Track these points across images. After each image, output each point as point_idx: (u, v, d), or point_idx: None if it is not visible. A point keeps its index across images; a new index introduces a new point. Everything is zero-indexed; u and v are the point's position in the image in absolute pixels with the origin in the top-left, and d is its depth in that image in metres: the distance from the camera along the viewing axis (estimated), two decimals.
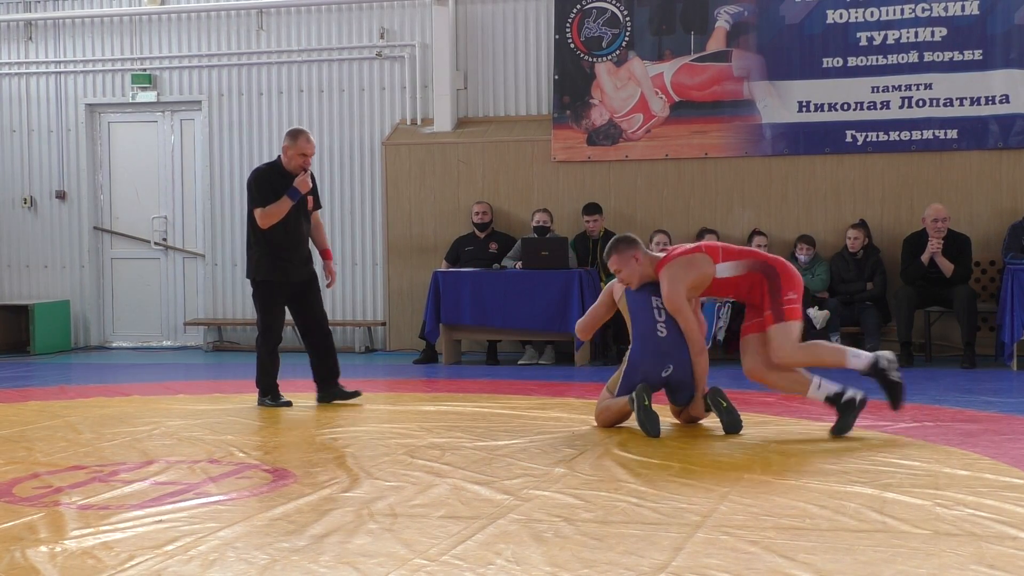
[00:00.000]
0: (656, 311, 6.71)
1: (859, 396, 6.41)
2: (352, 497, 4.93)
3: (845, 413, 6.36)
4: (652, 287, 6.78)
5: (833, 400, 6.40)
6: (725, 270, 6.50)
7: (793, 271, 6.58)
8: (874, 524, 4.36)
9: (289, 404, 7.75)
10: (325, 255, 8.06)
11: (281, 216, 7.64)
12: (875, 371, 6.42)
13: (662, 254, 6.76)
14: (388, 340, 12.28)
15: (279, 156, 7.87)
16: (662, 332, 6.64)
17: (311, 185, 7.74)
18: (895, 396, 6.45)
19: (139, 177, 13.20)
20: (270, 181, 7.71)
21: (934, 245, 10.17)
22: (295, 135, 7.74)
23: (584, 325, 7.16)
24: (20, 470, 5.64)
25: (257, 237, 7.74)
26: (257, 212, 7.66)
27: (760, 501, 4.77)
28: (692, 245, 6.73)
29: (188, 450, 6.20)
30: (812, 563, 3.83)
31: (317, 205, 8.01)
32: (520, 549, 4.05)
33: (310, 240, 7.97)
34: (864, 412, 7.38)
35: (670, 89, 11.42)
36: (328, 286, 8.11)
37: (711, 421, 6.69)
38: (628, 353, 6.77)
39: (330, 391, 7.87)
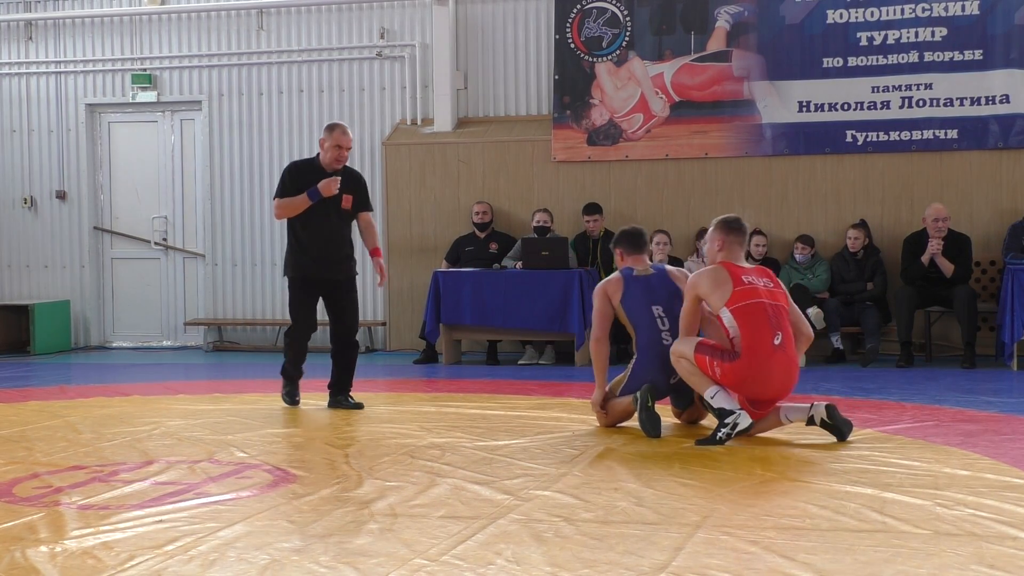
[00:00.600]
0: (659, 320, 6.70)
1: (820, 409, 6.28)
2: (352, 497, 4.93)
3: (832, 421, 6.21)
4: (649, 296, 6.76)
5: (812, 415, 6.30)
6: (726, 317, 6.26)
7: (748, 380, 6.19)
8: (874, 524, 4.36)
9: (294, 404, 7.77)
10: (373, 253, 7.80)
11: (294, 212, 7.54)
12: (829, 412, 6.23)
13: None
14: (388, 340, 12.29)
15: (318, 154, 7.71)
16: (667, 341, 6.63)
17: (336, 189, 7.49)
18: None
19: (139, 177, 13.20)
20: (298, 174, 7.60)
21: (934, 246, 10.17)
22: (331, 128, 7.61)
23: (599, 351, 6.91)
24: (20, 470, 5.64)
25: (287, 232, 7.74)
26: (274, 202, 7.65)
27: (760, 501, 4.77)
28: (744, 282, 6.35)
29: (188, 450, 6.20)
30: (812, 563, 3.83)
31: (364, 206, 7.77)
32: (520, 549, 4.06)
33: (350, 240, 7.78)
34: (867, 410, 7.41)
35: (670, 89, 11.42)
36: (379, 284, 7.97)
37: (710, 420, 6.69)
38: (632, 363, 6.76)
39: (336, 400, 7.76)
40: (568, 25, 11.71)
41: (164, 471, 5.63)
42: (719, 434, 6.07)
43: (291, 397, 7.84)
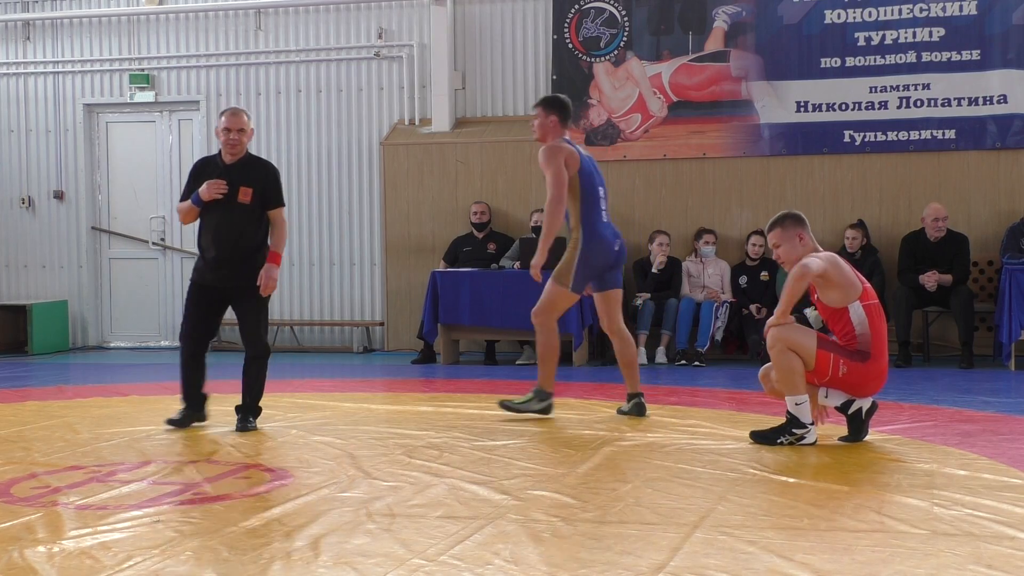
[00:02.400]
0: (603, 200, 7.21)
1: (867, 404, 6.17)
2: (350, 497, 4.93)
3: (854, 424, 6.15)
4: (597, 175, 7.26)
5: (842, 410, 6.18)
6: (856, 312, 6.05)
7: (870, 379, 6.05)
8: (872, 524, 4.37)
9: (179, 424, 6.90)
10: (269, 257, 6.86)
11: (188, 217, 6.91)
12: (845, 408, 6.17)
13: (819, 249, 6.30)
14: (386, 340, 12.28)
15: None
16: (606, 219, 7.16)
17: (220, 193, 6.75)
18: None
19: (137, 177, 13.19)
20: (197, 173, 6.95)
21: (931, 284, 10.16)
22: (220, 113, 7.02)
23: (558, 214, 7.05)
24: (18, 470, 5.63)
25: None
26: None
27: (758, 501, 4.77)
28: (860, 279, 6.23)
29: (186, 450, 6.20)
30: (810, 563, 3.83)
31: (272, 202, 6.89)
32: (518, 549, 4.05)
33: (253, 239, 6.87)
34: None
35: (668, 89, 11.43)
36: (261, 293, 6.84)
37: (710, 425, 6.69)
38: (581, 245, 7.03)
39: (239, 422, 6.91)
40: (566, 25, 11.71)
41: (162, 471, 5.63)
42: (781, 439, 6.01)
43: (182, 416, 6.97)
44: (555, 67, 11.76)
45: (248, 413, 6.95)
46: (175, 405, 7.89)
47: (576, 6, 11.69)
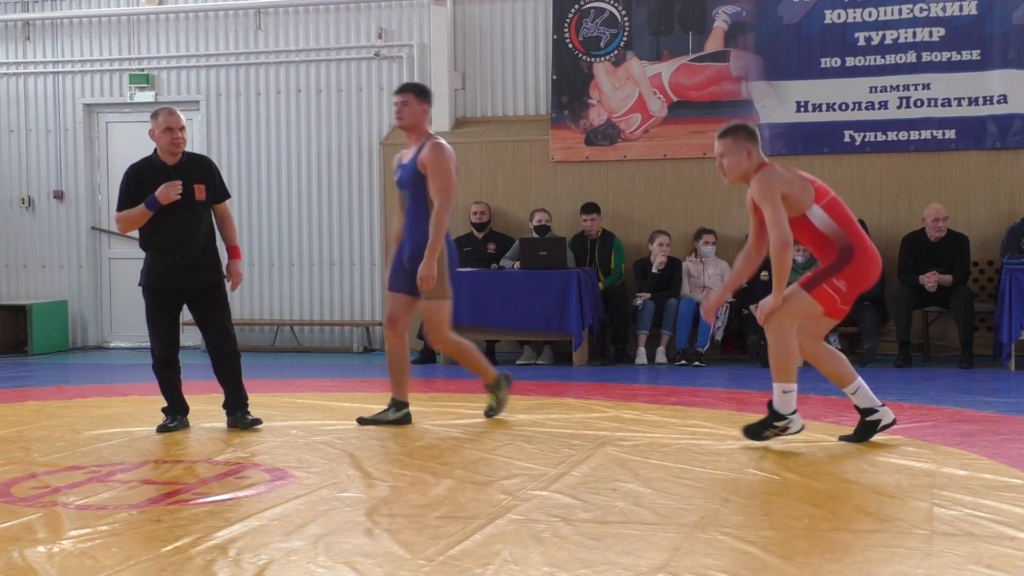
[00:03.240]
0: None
1: (888, 419, 6.13)
2: (350, 497, 4.93)
3: (865, 430, 6.12)
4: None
5: (863, 413, 6.15)
6: (816, 217, 5.86)
7: (867, 270, 5.95)
8: (872, 524, 4.36)
9: (168, 430, 6.79)
10: (232, 252, 6.98)
11: (136, 225, 6.79)
12: (865, 413, 6.11)
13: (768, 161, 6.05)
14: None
15: (155, 149, 6.82)
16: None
17: (177, 194, 6.66)
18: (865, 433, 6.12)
19: None
20: (138, 179, 6.79)
21: (931, 284, 10.16)
22: (155, 115, 6.79)
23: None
24: (18, 470, 5.64)
25: (139, 238, 6.94)
26: (116, 216, 6.87)
27: (758, 501, 4.77)
28: (808, 176, 6.10)
29: (186, 450, 6.20)
30: (810, 563, 3.83)
31: (220, 195, 6.95)
32: (518, 549, 4.05)
33: (210, 237, 6.90)
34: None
35: (668, 89, 11.42)
36: (232, 289, 7.02)
37: (706, 426, 6.69)
38: (447, 246, 6.85)
39: (233, 419, 6.93)
40: (566, 25, 11.71)
41: (162, 471, 5.63)
42: (766, 434, 5.98)
43: (166, 423, 6.87)
44: (555, 67, 11.76)
45: (240, 407, 6.95)
46: None
47: (576, 6, 11.69)
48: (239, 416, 6.91)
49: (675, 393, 8.42)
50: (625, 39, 11.56)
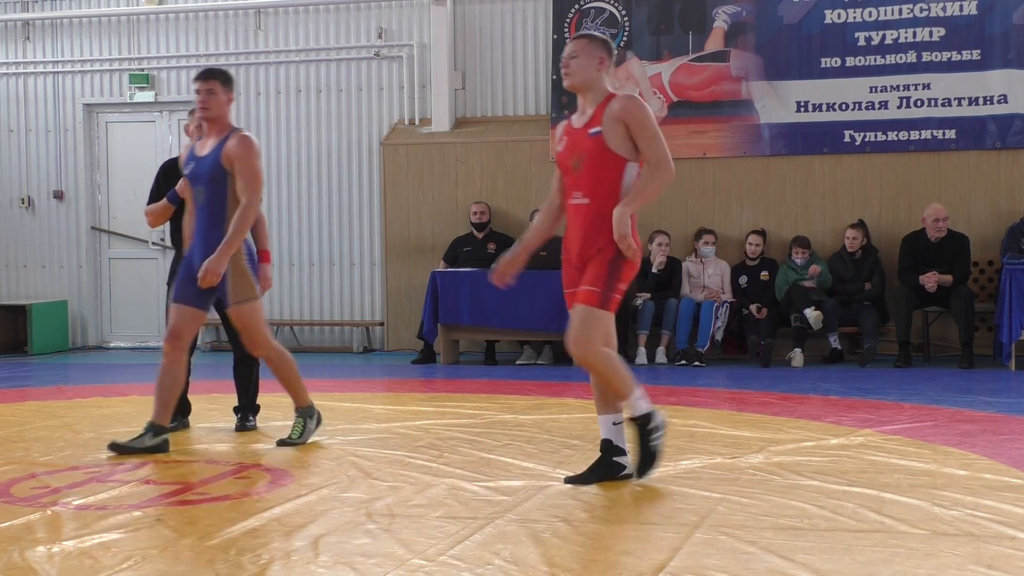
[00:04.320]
0: None
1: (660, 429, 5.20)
2: (350, 497, 4.93)
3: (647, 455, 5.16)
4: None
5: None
6: (631, 174, 5.24)
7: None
8: (872, 524, 4.36)
9: (172, 431, 6.51)
10: (261, 256, 6.72)
11: (161, 219, 6.88)
12: (641, 426, 5.14)
13: (622, 91, 5.39)
14: (386, 340, 12.28)
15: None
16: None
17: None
18: (644, 465, 5.14)
19: (137, 177, 13.15)
20: (165, 175, 6.88)
21: (931, 285, 10.15)
22: (191, 112, 6.62)
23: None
24: (18, 470, 5.63)
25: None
26: (144, 210, 6.97)
27: (758, 501, 4.76)
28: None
29: (186, 450, 6.19)
30: (810, 563, 3.83)
31: None
32: (518, 549, 4.05)
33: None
34: (865, 410, 7.39)
35: (668, 89, 11.42)
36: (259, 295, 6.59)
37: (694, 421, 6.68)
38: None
39: (240, 422, 6.92)
40: (566, 25, 11.71)
41: (162, 471, 5.62)
42: (655, 443, 5.12)
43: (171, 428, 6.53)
44: (555, 67, 11.76)
45: (247, 412, 6.94)
46: None
47: (576, 6, 11.69)
48: (247, 422, 6.89)
49: (675, 393, 8.42)
50: (625, 39, 11.56)
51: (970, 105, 10.76)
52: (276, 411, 7.48)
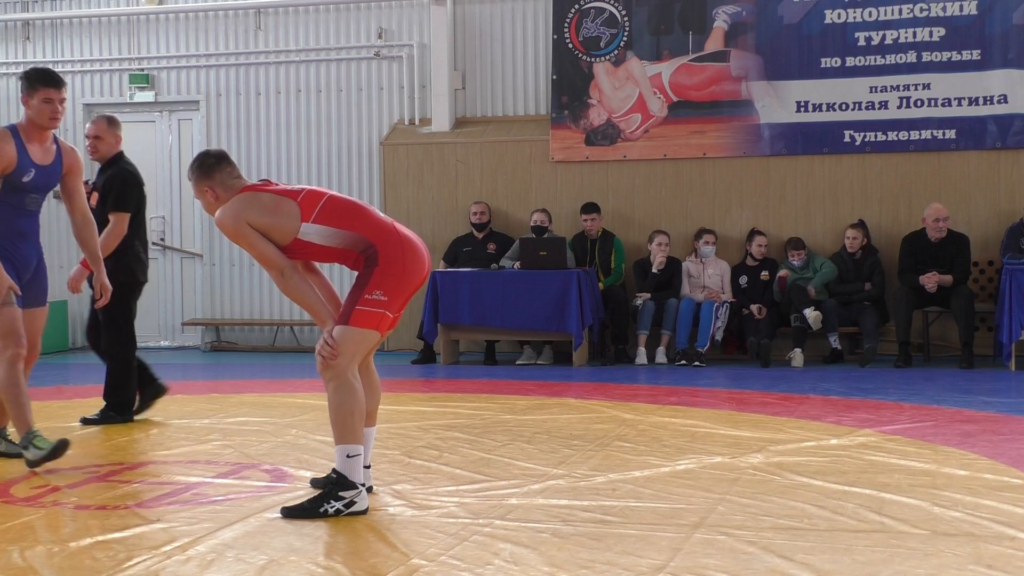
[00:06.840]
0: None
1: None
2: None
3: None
4: None
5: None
6: (311, 234, 4.79)
7: (401, 265, 4.79)
8: (872, 524, 4.37)
9: (136, 413, 7.25)
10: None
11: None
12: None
13: (249, 183, 4.93)
14: (386, 340, 12.26)
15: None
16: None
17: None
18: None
19: None
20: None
21: (931, 285, 10.15)
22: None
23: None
24: (18, 470, 5.63)
25: (128, 236, 7.53)
26: (122, 217, 7.45)
27: (758, 501, 4.76)
28: (291, 189, 4.92)
29: (186, 450, 6.20)
30: (810, 563, 3.83)
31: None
32: (518, 549, 4.05)
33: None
34: (865, 410, 7.39)
35: (668, 89, 11.42)
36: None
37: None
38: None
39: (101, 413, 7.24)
40: (566, 25, 11.71)
41: (161, 471, 5.63)
42: (326, 507, 4.59)
43: (128, 415, 7.24)
44: (555, 67, 11.76)
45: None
46: (174, 406, 7.90)
47: (576, 6, 11.69)
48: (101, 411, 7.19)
49: (675, 393, 8.42)
50: (625, 39, 11.56)
51: (970, 105, 10.76)
52: (275, 411, 7.47)
